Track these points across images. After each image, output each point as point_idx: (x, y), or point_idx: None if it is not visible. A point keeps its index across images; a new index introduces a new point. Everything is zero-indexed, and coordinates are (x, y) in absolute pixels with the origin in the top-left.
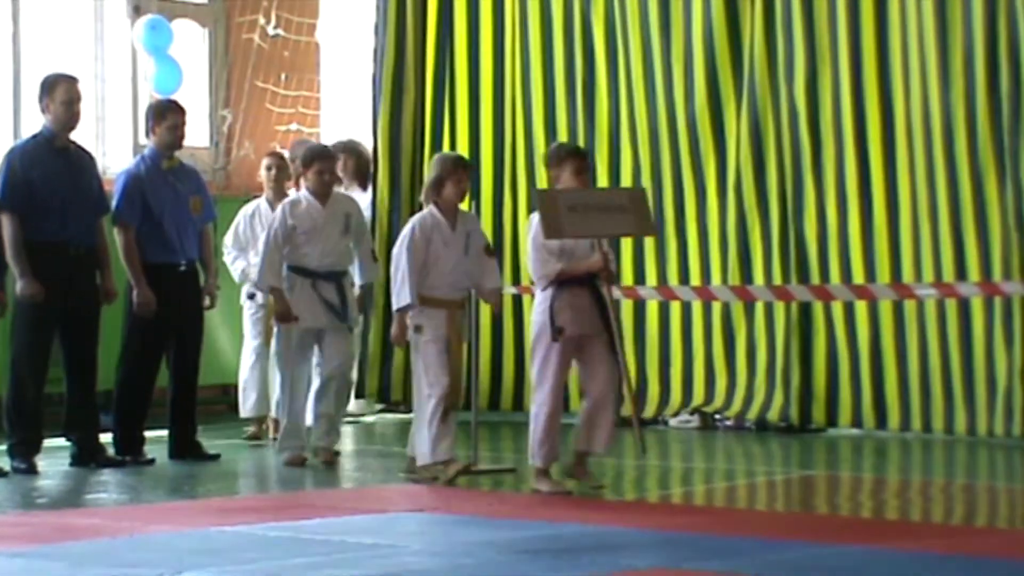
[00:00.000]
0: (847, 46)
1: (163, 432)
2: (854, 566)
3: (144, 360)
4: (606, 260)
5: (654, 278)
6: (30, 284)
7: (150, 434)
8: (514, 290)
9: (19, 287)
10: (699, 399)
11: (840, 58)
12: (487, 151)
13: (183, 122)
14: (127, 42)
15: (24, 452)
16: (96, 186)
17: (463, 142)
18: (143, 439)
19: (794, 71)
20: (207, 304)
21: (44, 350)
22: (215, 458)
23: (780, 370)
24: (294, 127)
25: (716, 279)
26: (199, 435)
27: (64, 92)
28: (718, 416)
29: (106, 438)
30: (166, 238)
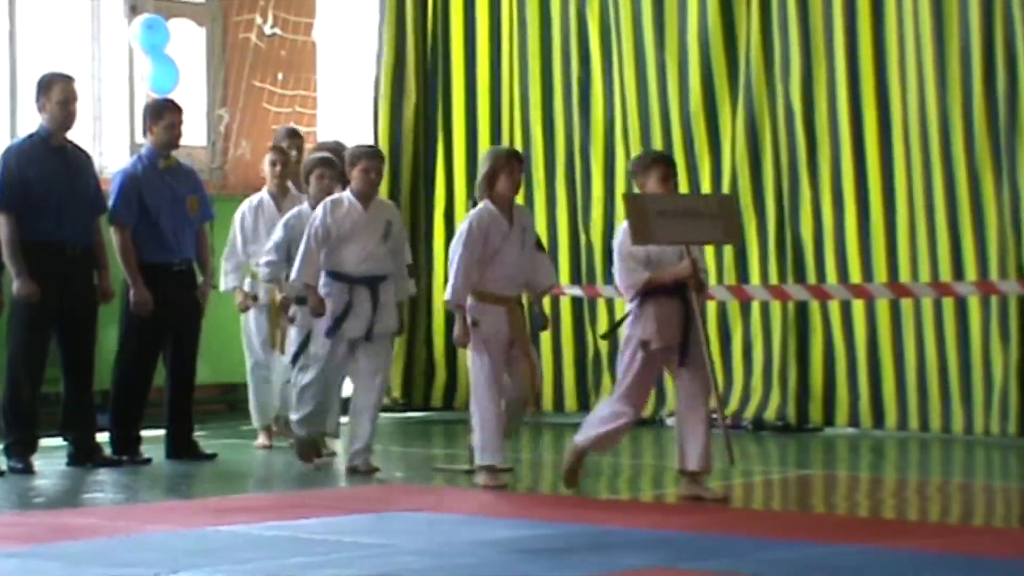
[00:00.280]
0: (843, 45)
1: (160, 432)
2: (851, 565)
3: (141, 360)
4: (695, 267)
5: None
6: (26, 284)
7: (147, 434)
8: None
9: (15, 287)
10: None
11: (836, 57)
12: (484, 152)
13: (180, 121)
14: (124, 41)
15: (20, 452)
16: (93, 185)
17: (459, 143)
18: (140, 439)
19: (790, 70)
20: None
21: (41, 350)
22: (212, 458)
23: (777, 369)
24: (291, 127)
25: (712, 278)
26: (196, 435)
27: (60, 91)
28: (715, 415)
29: (103, 438)
30: (163, 238)
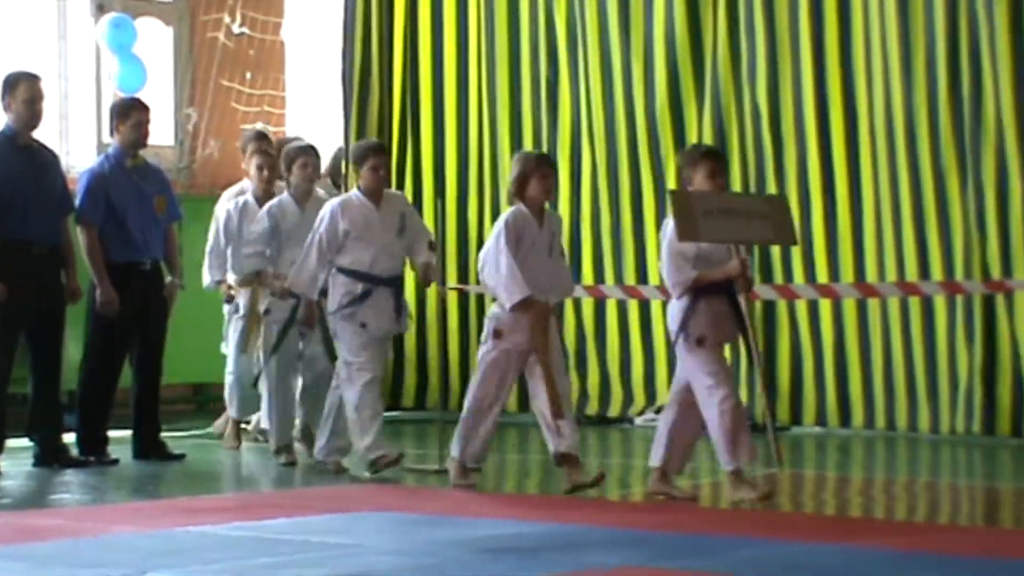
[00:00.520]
0: (810, 47)
1: (127, 432)
2: (818, 563)
3: (107, 360)
4: (744, 266)
5: (611, 277)
6: None
7: (114, 434)
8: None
9: None
10: (663, 398)
11: (803, 59)
12: (451, 152)
13: (147, 120)
14: (91, 40)
15: None
16: (60, 185)
17: (427, 143)
18: (107, 439)
19: (756, 72)
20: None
21: (8, 350)
22: (179, 458)
23: (744, 370)
24: (260, 126)
25: None
26: (163, 435)
27: (26, 90)
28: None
29: (70, 438)
30: (130, 237)
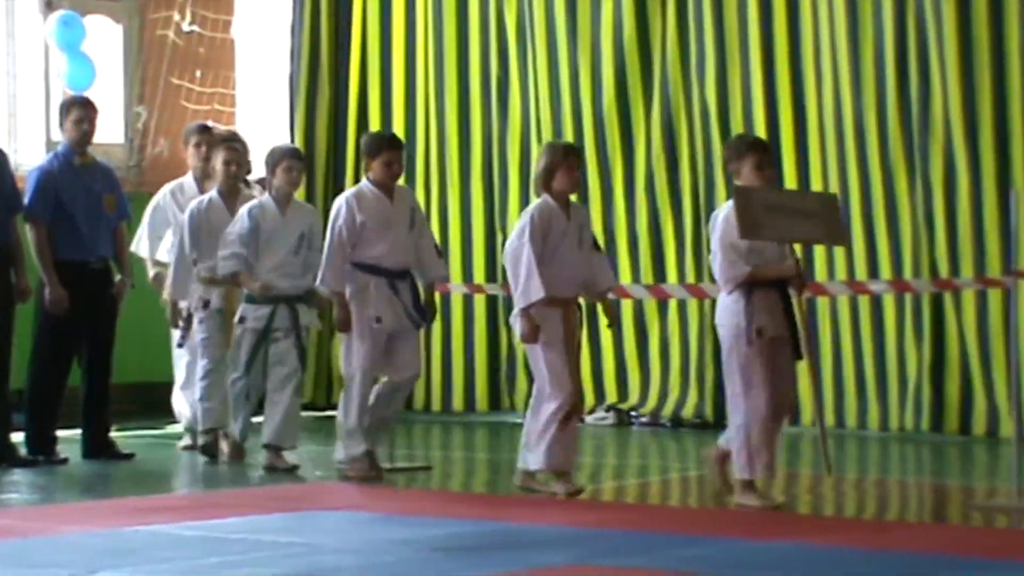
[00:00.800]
0: (758, 45)
1: (76, 431)
2: (766, 561)
3: (56, 358)
4: (798, 266)
5: None
6: None
7: (63, 433)
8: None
9: None
10: (613, 396)
11: (751, 57)
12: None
13: (88, 117)
14: (39, 38)
15: None
16: (8, 183)
17: None
18: (55, 438)
19: (705, 70)
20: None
21: None
22: (129, 457)
23: (694, 367)
24: (210, 124)
25: (627, 277)
26: (112, 434)
27: None
28: (634, 413)
29: (18, 437)
30: (79, 235)
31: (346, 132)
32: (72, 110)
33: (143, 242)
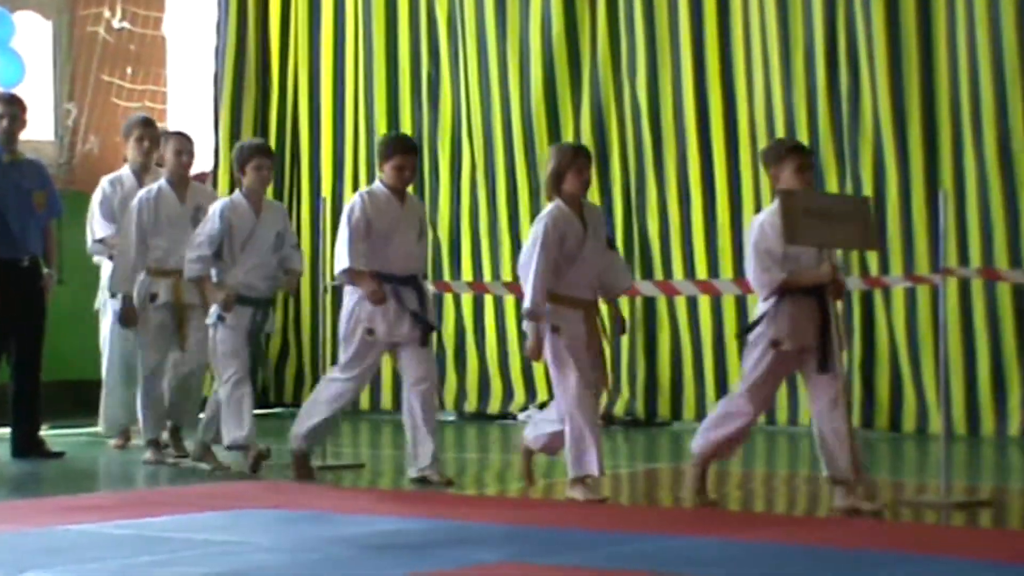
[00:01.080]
0: (689, 43)
1: (5, 430)
2: (698, 557)
3: None
4: (835, 272)
5: (489, 273)
6: None
7: None
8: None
9: None
10: (544, 395)
11: (682, 55)
12: (327, 147)
13: (10, 114)
14: None
15: None
16: None
17: (304, 138)
18: None
19: (636, 68)
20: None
21: None
22: (59, 456)
23: (625, 365)
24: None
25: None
26: (42, 433)
27: None
28: None
29: None
30: (8, 233)
31: (271, 131)
32: None
33: (96, 223)
